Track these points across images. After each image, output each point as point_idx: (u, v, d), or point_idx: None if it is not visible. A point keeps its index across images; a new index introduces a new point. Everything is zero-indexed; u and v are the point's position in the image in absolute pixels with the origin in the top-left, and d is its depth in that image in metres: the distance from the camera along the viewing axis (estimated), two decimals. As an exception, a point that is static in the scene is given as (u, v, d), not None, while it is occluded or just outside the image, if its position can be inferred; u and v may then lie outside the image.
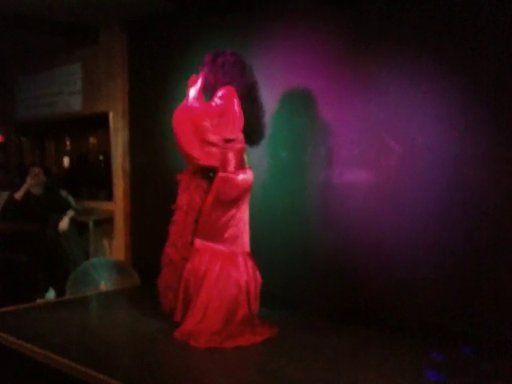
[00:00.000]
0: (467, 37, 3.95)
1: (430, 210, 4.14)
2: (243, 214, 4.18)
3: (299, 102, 4.86)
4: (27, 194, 6.38)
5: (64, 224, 6.21)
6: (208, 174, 4.15)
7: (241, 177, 4.10)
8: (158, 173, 5.98)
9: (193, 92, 4.13)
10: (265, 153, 4.98)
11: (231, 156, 4.09)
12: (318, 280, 4.76)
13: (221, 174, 4.08)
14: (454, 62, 4.02)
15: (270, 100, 4.37)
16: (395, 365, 3.50)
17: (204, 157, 4.00)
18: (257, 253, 4.32)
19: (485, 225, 3.91)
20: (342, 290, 4.63)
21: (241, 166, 4.13)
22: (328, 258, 4.70)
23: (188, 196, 4.12)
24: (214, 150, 3.99)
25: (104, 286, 5.64)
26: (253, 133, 4.28)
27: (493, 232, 3.87)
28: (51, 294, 5.89)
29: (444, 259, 4.08)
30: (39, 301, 5.66)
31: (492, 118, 3.86)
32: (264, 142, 4.62)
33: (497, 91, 3.84)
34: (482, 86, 3.90)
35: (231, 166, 4.09)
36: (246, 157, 4.19)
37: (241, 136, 4.15)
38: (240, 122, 4.08)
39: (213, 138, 3.97)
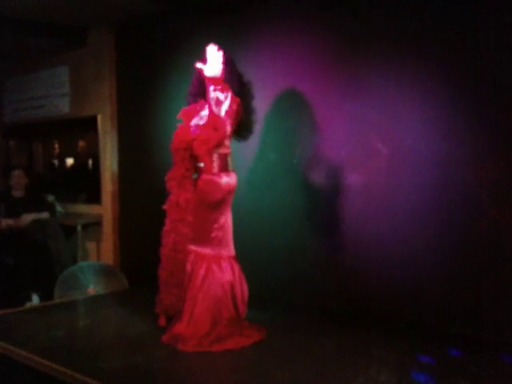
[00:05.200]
0: (454, 41, 3.99)
1: (418, 211, 4.18)
2: (227, 217, 4.18)
3: (288, 103, 4.87)
4: (9, 195, 6.40)
5: (25, 219, 6.18)
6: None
7: (224, 179, 4.09)
8: (147, 175, 5.96)
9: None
10: (253, 155, 5.00)
11: (216, 159, 4.09)
12: (307, 281, 4.77)
13: (204, 176, 4.09)
14: (441, 66, 4.06)
15: (258, 101, 4.37)
16: (384, 366, 3.50)
17: None
18: (245, 254, 4.31)
19: (473, 225, 3.94)
20: (331, 291, 4.64)
21: (225, 169, 4.12)
22: (316, 259, 4.72)
23: (184, 194, 4.10)
24: None
25: (92, 289, 5.61)
26: (242, 128, 4.27)
27: (480, 232, 3.91)
28: (36, 301, 5.83)
29: (433, 260, 4.12)
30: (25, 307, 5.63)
31: (479, 119, 3.90)
32: (253, 144, 4.63)
33: (484, 94, 3.87)
34: (469, 89, 3.94)
35: (215, 169, 4.10)
36: (230, 160, 4.17)
37: (227, 142, 4.14)
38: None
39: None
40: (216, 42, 4.63)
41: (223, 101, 3.97)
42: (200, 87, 4.20)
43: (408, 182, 4.24)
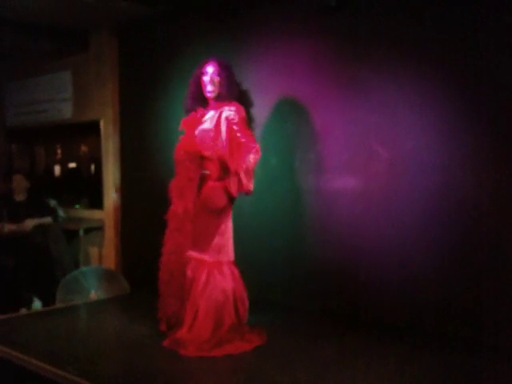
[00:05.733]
0: (454, 41, 3.98)
1: (418, 212, 4.16)
2: (228, 223, 4.18)
3: (288, 108, 4.87)
4: (11, 199, 6.43)
5: (28, 224, 6.19)
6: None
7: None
8: (149, 180, 5.96)
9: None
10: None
11: (222, 167, 4.10)
12: (307, 283, 4.76)
13: (211, 183, 4.10)
14: (441, 67, 4.05)
15: (258, 105, 4.37)
16: (385, 368, 3.49)
17: None
18: (246, 256, 4.31)
19: (473, 225, 3.92)
20: (331, 292, 4.63)
21: None
22: (316, 262, 4.70)
23: (183, 203, 4.11)
24: None
25: (94, 294, 5.60)
26: None
27: (480, 232, 3.90)
28: (37, 305, 5.83)
29: (433, 260, 4.10)
30: (23, 310, 5.64)
31: (479, 119, 3.89)
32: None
33: (484, 94, 3.87)
34: (469, 90, 3.93)
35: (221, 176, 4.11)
36: None
37: None
38: None
39: None
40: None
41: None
42: (197, 88, 4.22)
43: (408, 187, 4.22)
